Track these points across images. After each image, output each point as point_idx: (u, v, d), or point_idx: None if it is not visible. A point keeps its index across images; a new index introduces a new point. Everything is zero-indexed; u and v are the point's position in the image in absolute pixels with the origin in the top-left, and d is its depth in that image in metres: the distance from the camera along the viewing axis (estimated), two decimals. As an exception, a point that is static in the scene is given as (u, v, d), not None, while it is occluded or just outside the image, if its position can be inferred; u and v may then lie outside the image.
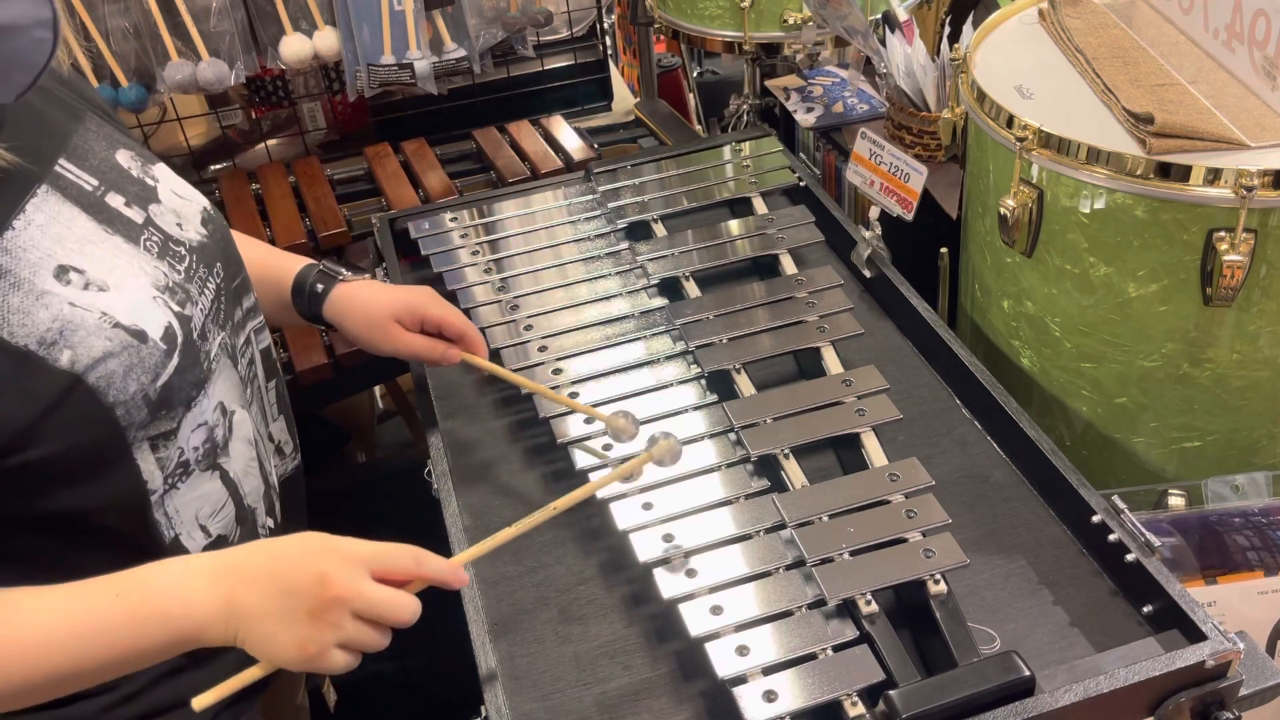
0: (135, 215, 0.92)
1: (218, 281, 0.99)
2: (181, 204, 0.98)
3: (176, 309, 0.90)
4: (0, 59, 0.77)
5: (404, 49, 1.76)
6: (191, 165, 2.09)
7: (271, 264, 1.17)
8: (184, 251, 0.95)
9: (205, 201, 1.02)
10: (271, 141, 2.14)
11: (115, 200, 0.91)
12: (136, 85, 1.70)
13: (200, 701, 0.79)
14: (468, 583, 0.89)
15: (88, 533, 0.88)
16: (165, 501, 0.91)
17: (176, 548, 0.93)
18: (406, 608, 0.80)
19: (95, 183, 0.90)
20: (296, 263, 1.18)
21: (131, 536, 0.90)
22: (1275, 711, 0.93)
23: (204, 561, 0.82)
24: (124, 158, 0.96)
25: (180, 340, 0.89)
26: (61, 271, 0.83)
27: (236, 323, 1.02)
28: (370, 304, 1.12)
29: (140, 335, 0.86)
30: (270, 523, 1.06)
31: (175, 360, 0.88)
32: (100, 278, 0.85)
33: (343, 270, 1.16)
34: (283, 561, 0.79)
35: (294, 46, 1.73)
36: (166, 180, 0.99)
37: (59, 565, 0.83)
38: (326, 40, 1.74)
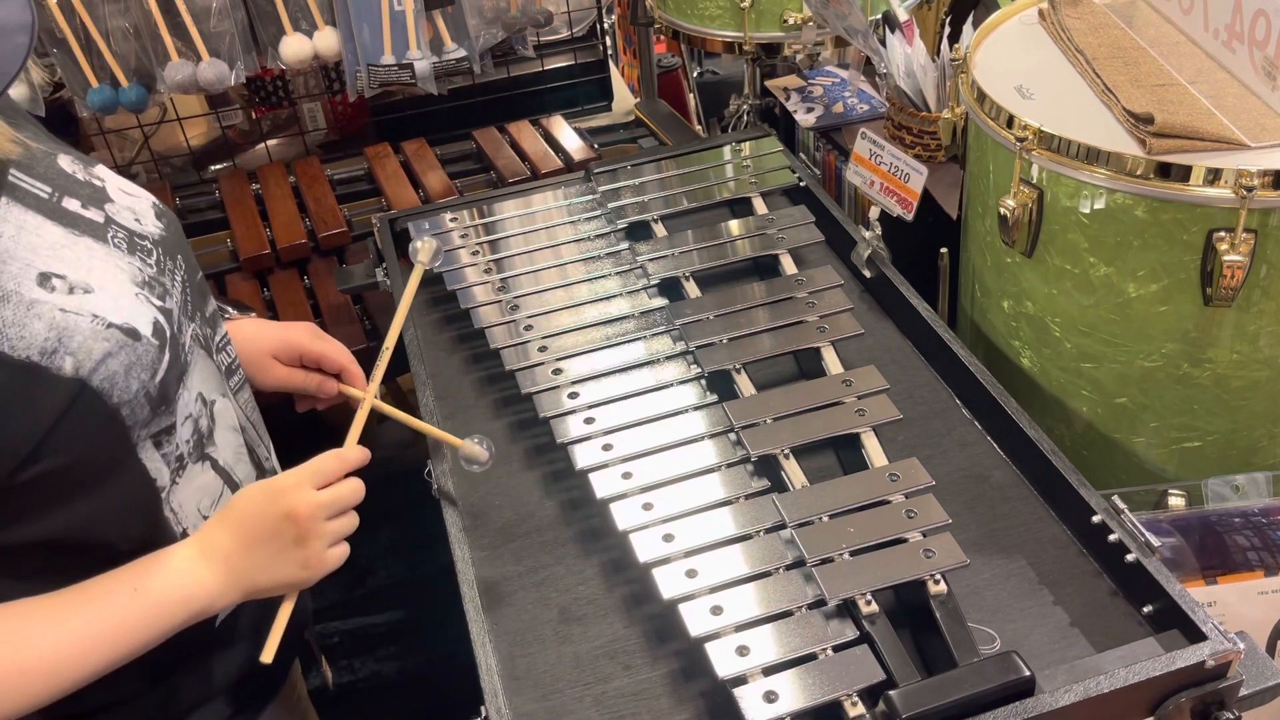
0: (95, 216, 0.92)
1: (182, 274, 0.99)
2: (133, 200, 0.98)
3: (157, 303, 0.91)
4: None
5: (404, 49, 1.76)
6: (192, 165, 2.09)
7: None
8: (150, 245, 0.95)
9: (152, 197, 1.02)
10: (271, 141, 2.14)
11: (72, 204, 0.90)
12: (136, 85, 1.70)
13: (268, 653, 0.92)
14: (369, 457, 0.98)
15: (102, 544, 0.89)
16: (170, 498, 0.93)
17: None
18: (355, 491, 0.94)
19: (49, 189, 0.89)
20: None
21: (144, 539, 0.91)
22: (1275, 711, 0.93)
23: (191, 549, 0.90)
24: (65, 162, 0.95)
25: (168, 335, 0.90)
26: (44, 279, 0.82)
27: (207, 318, 1.03)
28: (248, 341, 1.14)
29: (133, 333, 0.86)
30: None
31: (167, 355, 0.89)
32: (82, 280, 0.85)
33: (228, 309, 1.16)
34: (250, 523, 0.90)
35: (294, 46, 1.73)
36: (111, 180, 0.98)
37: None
38: (326, 40, 1.74)
